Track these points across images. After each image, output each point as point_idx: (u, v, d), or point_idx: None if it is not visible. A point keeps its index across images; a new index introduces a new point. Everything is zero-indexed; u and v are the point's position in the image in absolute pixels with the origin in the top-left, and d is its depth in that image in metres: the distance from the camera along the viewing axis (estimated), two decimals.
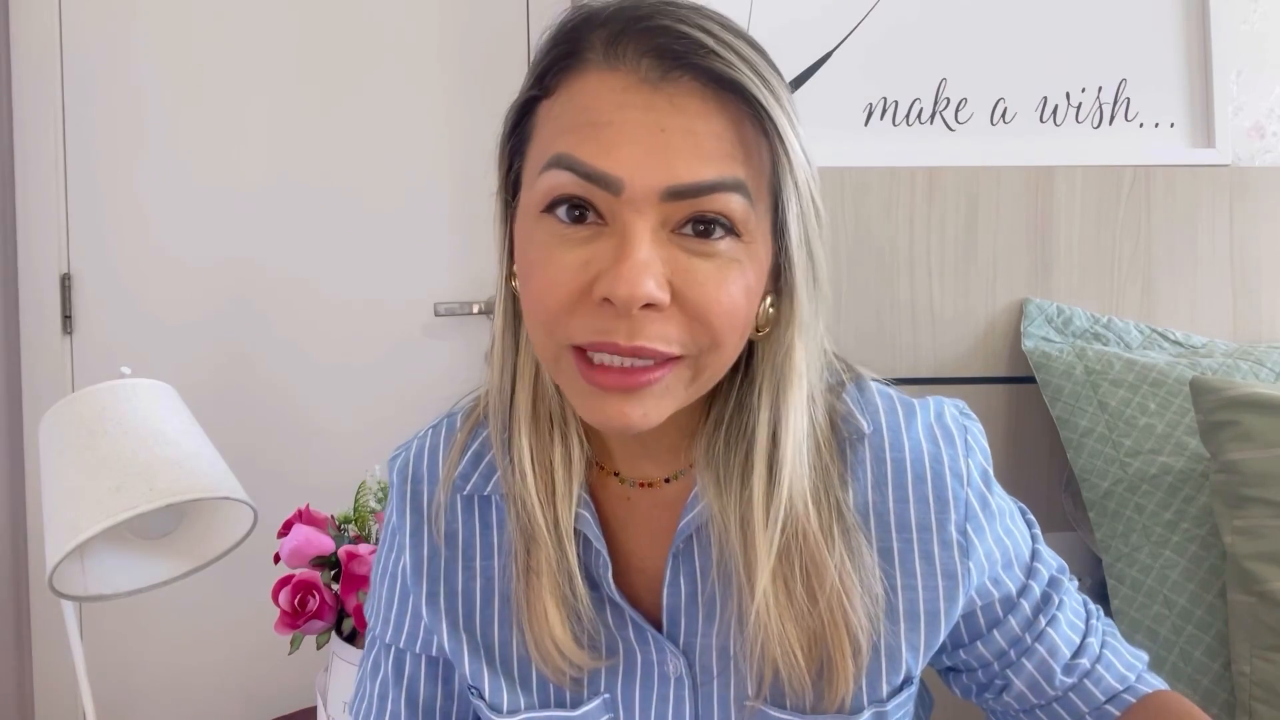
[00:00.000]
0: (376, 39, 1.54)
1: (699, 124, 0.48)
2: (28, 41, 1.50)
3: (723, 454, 0.56)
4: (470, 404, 0.66)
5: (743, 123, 0.49)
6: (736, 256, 0.50)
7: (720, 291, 0.49)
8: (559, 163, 0.49)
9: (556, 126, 0.50)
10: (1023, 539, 0.64)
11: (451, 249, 1.56)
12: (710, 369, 0.52)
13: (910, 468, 0.59)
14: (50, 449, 1.00)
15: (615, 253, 0.48)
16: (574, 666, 0.58)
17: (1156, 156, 1.26)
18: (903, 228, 1.21)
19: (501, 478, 0.60)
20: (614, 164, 0.47)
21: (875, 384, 0.62)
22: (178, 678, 1.55)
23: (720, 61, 0.47)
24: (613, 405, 0.50)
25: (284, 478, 1.48)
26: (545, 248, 0.50)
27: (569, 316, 0.49)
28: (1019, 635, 0.63)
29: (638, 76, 0.48)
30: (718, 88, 0.48)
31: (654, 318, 0.48)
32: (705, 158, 0.48)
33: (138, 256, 1.53)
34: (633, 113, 0.48)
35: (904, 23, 1.26)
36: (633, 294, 0.46)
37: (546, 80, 0.52)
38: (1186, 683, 0.92)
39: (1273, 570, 0.87)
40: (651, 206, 0.48)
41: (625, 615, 0.59)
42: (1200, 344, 1.17)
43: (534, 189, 0.51)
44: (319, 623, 1.03)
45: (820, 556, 0.55)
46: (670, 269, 0.48)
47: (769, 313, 0.54)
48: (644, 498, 0.61)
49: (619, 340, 0.48)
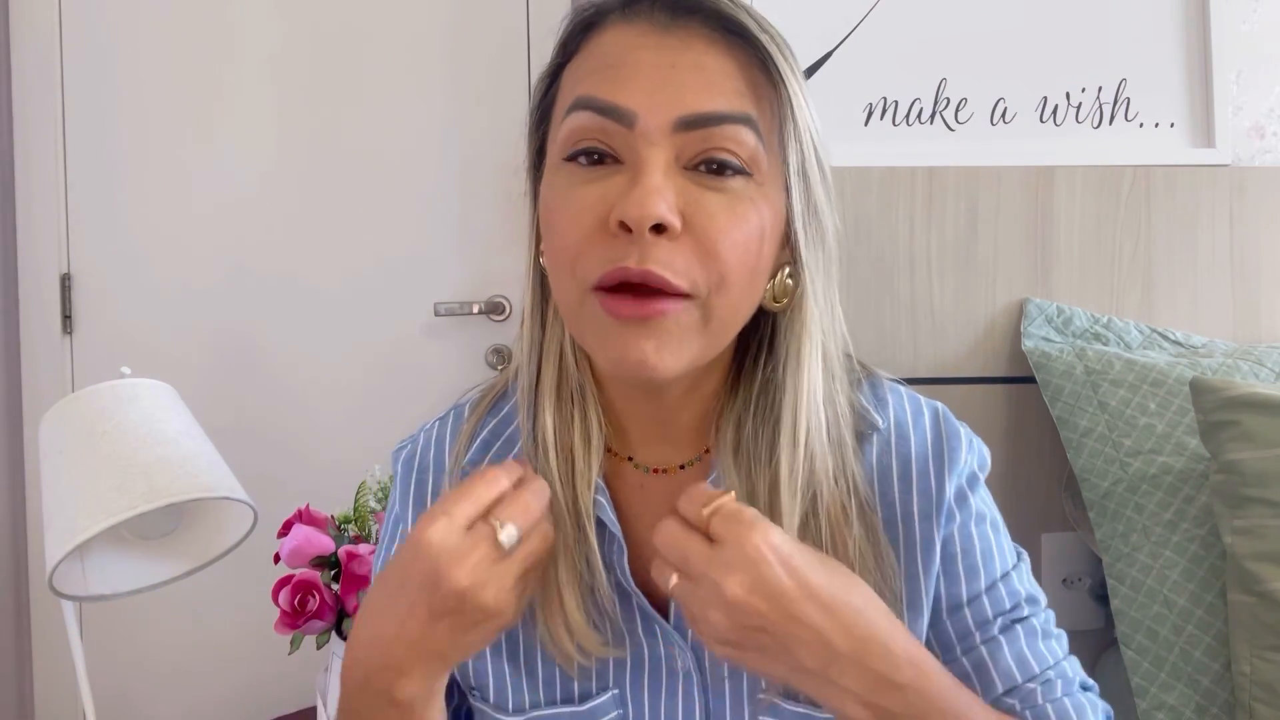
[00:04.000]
0: (377, 39, 1.54)
1: (708, 59, 0.51)
2: (28, 41, 1.50)
3: (751, 429, 0.57)
4: (478, 395, 0.67)
5: (752, 68, 0.52)
6: (749, 194, 0.52)
7: (731, 224, 0.51)
8: (578, 104, 0.52)
9: (577, 77, 0.54)
10: (998, 553, 0.61)
11: (451, 249, 1.56)
12: (719, 314, 0.52)
13: (915, 461, 0.60)
14: (50, 449, 1.00)
15: (630, 183, 0.50)
16: (584, 653, 0.58)
17: (1156, 156, 1.26)
18: (903, 228, 1.21)
19: (525, 453, 0.60)
20: (626, 97, 0.50)
21: (889, 381, 0.64)
22: (178, 678, 1.55)
23: (728, 6, 0.52)
24: (631, 339, 0.51)
25: (284, 478, 1.48)
26: (565, 191, 0.52)
27: (588, 251, 0.51)
28: (951, 643, 0.60)
29: (651, 23, 0.52)
30: (726, 32, 0.52)
31: (664, 245, 0.50)
32: (715, 91, 0.51)
33: (138, 256, 1.53)
34: (645, 53, 0.51)
35: (904, 23, 1.26)
36: (643, 213, 0.48)
37: (569, 46, 0.56)
38: (1186, 683, 0.92)
39: (1273, 570, 0.87)
40: (664, 138, 0.50)
41: (634, 605, 0.59)
42: (1200, 344, 1.17)
43: (555, 142, 0.54)
44: (319, 623, 1.03)
45: (840, 534, 0.56)
46: (683, 200, 0.50)
47: (786, 283, 0.56)
48: (658, 485, 0.61)
49: (630, 264, 0.49)
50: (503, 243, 1.54)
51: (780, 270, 0.56)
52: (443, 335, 1.56)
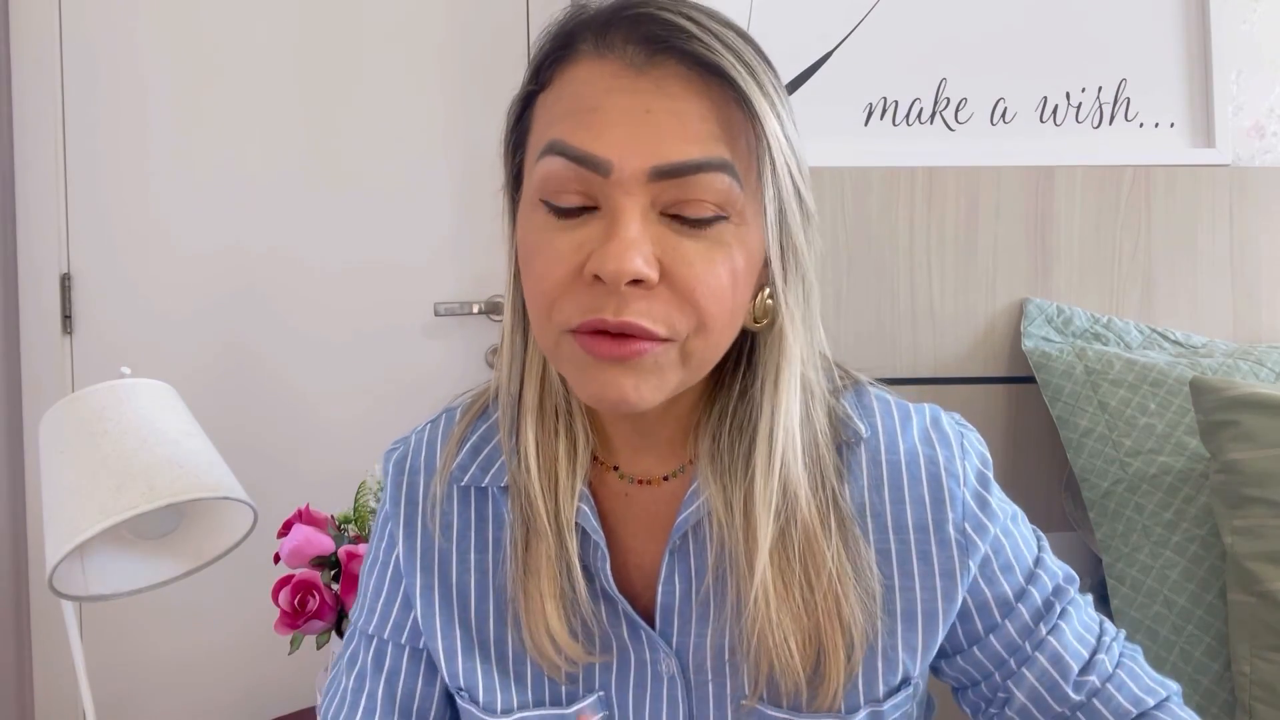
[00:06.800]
0: (377, 38, 1.54)
1: (684, 105, 0.49)
2: (28, 41, 1.50)
3: (727, 442, 0.57)
4: (469, 399, 0.67)
5: (729, 107, 0.50)
6: (725, 239, 0.51)
7: (707, 272, 0.50)
8: (552, 149, 0.50)
9: (550, 115, 0.52)
10: (1025, 544, 0.63)
11: (451, 249, 1.56)
12: (699, 354, 0.53)
13: (906, 469, 0.60)
14: (50, 449, 1.00)
15: (605, 232, 0.49)
16: (568, 661, 0.58)
17: (1156, 156, 1.26)
18: (903, 228, 1.21)
19: (507, 469, 0.60)
20: (603, 146, 0.49)
21: (873, 389, 0.63)
22: (178, 678, 1.55)
23: (701, 45, 0.49)
24: (609, 377, 0.51)
25: (284, 478, 1.48)
26: (541, 234, 0.51)
27: (563, 299, 0.51)
28: (1018, 643, 0.61)
29: (624, 62, 0.50)
30: (702, 71, 0.50)
31: (641, 295, 0.49)
32: (691, 138, 0.49)
33: (138, 256, 1.53)
34: (620, 97, 0.49)
35: (904, 23, 1.26)
36: (620, 269, 0.48)
37: (542, 74, 0.54)
38: (1187, 683, 0.92)
39: (1273, 570, 0.87)
40: (640, 186, 0.49)
41: (619, 610, 0.60)
42: (1200, 344, 1.17)
43: (531, 179, 0.53)
44: (319, 623, 1.03)
45: (817, 546, 0.56)
46: (660, 248, 0.50)
47: (766, 304, 0.56)
48: (642, 494, 0.62)
49: (607, 316, 0.49)
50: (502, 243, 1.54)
51: (760, 291, 0.56)
52: (443, 335, 1.56)
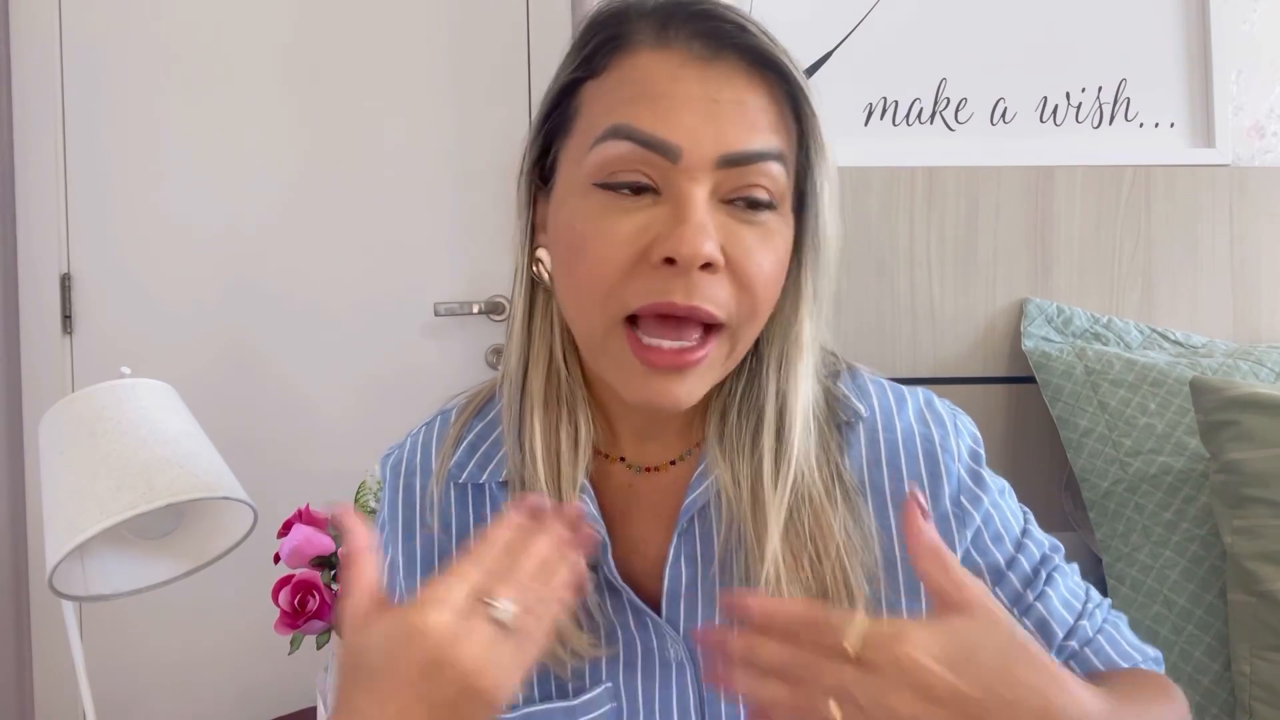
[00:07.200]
0: (377, 39, 1.54)
1: (748, 97, 0.52)
2: (28, 41, 1.50)
3: (736, 422, 0.59)
4: (464, 400, 0.68)
5: (780, 102, 0.54)
6: (775, 228, 0.54)
7: (763, 258, 0.53)
8: (617, 133, 0.51)
9: (610, 100, 0.53)
10: (1013, 515, 0.64)
11: (451, 249, 1.56)
12: (743, 341, 0.55)
13: (903, 447, 0.62)
14: (50, 449, 1.00)
15: (673, 216, 0.51)
16: (572, 653, 0.58)
17: (1156, 156, 1.26)
18: (903, 228, 1.21)
19: (506, 464, 0.61)
20: (672, 131, 0.50)
21: (866, 373, 0.66)
22: (178, 677, 1.55)
23: (763, 41, 0.52)
24: (660, 384, 0.53)
25: (284, 478, 1.48)
26: (599, 218, 0.52)
27: (626, 282, 0.51)
28: (1008, 608, 0.62)
29: (690, 54, 0.52)
30: (761, 67, 0.53)
31: (709, 280, 0.51)
32: (754, 128, 0.52)
33: (138, 256, 1.53)
34: (688, 85, 0.51)
35: (904, 23, 1.26)
36: (696, 252, 0.49)
37: (594, 61, 0.55)
38: (1186, 683, 0.92)
39: (1273, 570, 0.87)
40: (706, 174, 0.51)
41: (624, 599, 0.60)
42: (1200, 344, 1.17)
43: (584, 164, 0.53)
44: (319, 623, 1.03)
45: (825, 519, 0.57)
46: (722, 235, 0.51)
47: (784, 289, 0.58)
48: (647, 483, 0.62)
49: (676, 299, 0.50)
50: (503, 243, 1.54)
51: None
52: (443, 335, 1.56)
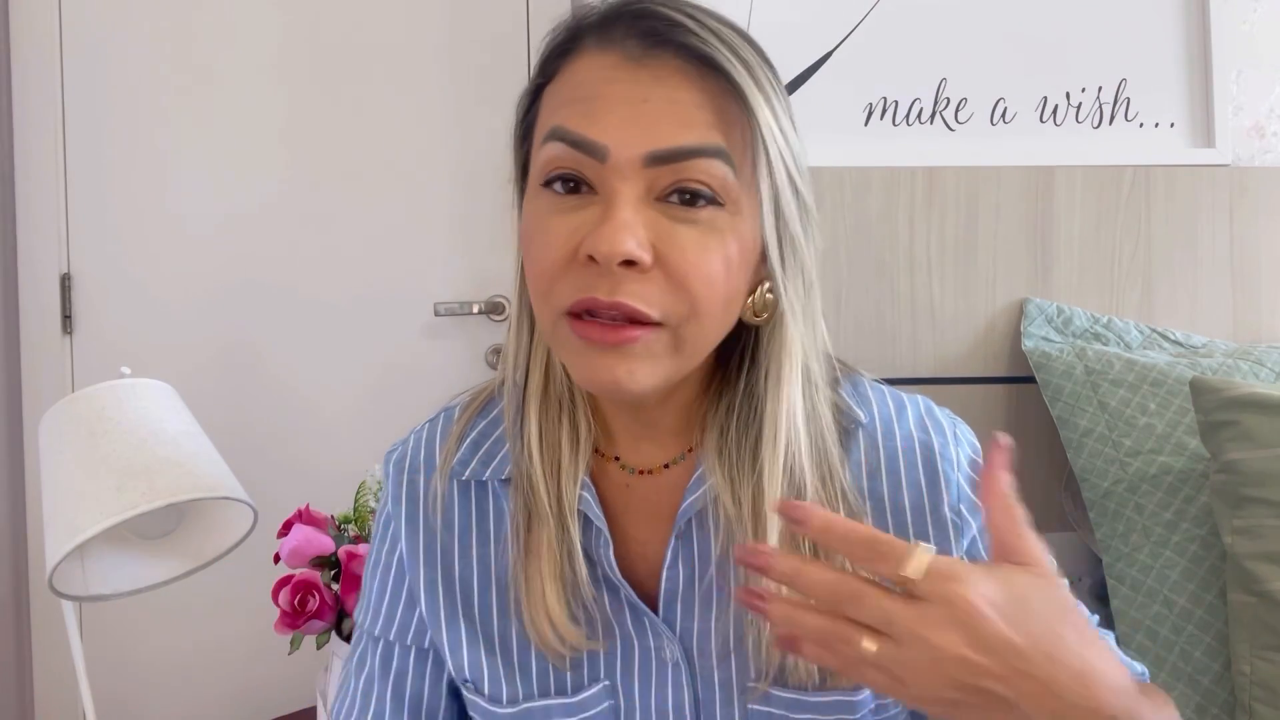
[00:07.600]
0: (377, 38, 1.54)
1: (680, 94, 0.51)
2: (28, 41, 1.50)
3: (734, 437, 0.59)
4: (468, 398, 0.68)
5: (725, 98, 0.52)
6: (719, 226, 0.52)
7: (700, 257, 0.51)
8: (553, 135, 0.52)
9: (554, 103, 0.54)
10: None
11: (451, 249, 1.56)
12: (691, 340, 0.54)
13: (903, 455, 0.61)
14: (50, 449, 1.00)
15: (600, 215, 0.51)
16: (569, 646, 0.59)
17: (1156, 156, 1.26)
18: (903, 227, 1.21)
19: (509, 460, 0.62)
20: (599, 132, 0.51)
21: (868, 379, 0.65)
22: (178, 677, 1.55)
23: (697, 39, 0.51)
24: (601, 362, 0.52)
25: (284, 478, 1.48)
26: (541, 219, 0.53)
27: (561, 279, 0.52)
28: None
29: (624, 54, 0.52)
30: (699, 64, 0.52)
31: (634, 277, 0.51)
32: (686, 124, 0.51)
33: (137, 256, 1.53)
34: (618, 86, 0.52)
35: (904, 23, 1.26)
36: (612, 249, 0.49)
37: (548, 67, 0.56)
38: (1186, 683, 0.92)
39: (1273, 570, 0.87)
40: (635, 172, 0.51)
41: (622, 597, 0.60)
42: (1200, 344, 1.17)
43: (535, 165, 0.55)
44: (319, 623, 1.03)
45: None
46: (654, 233, 0.51)
47: (766, 298, 0.57)
48: (643, 484, 0.63)
49: (599, 295, 0.51)
50: (503, 243, 1.54)
51: (760, 285, 0.57)
52: (443, 335, 1.56)
